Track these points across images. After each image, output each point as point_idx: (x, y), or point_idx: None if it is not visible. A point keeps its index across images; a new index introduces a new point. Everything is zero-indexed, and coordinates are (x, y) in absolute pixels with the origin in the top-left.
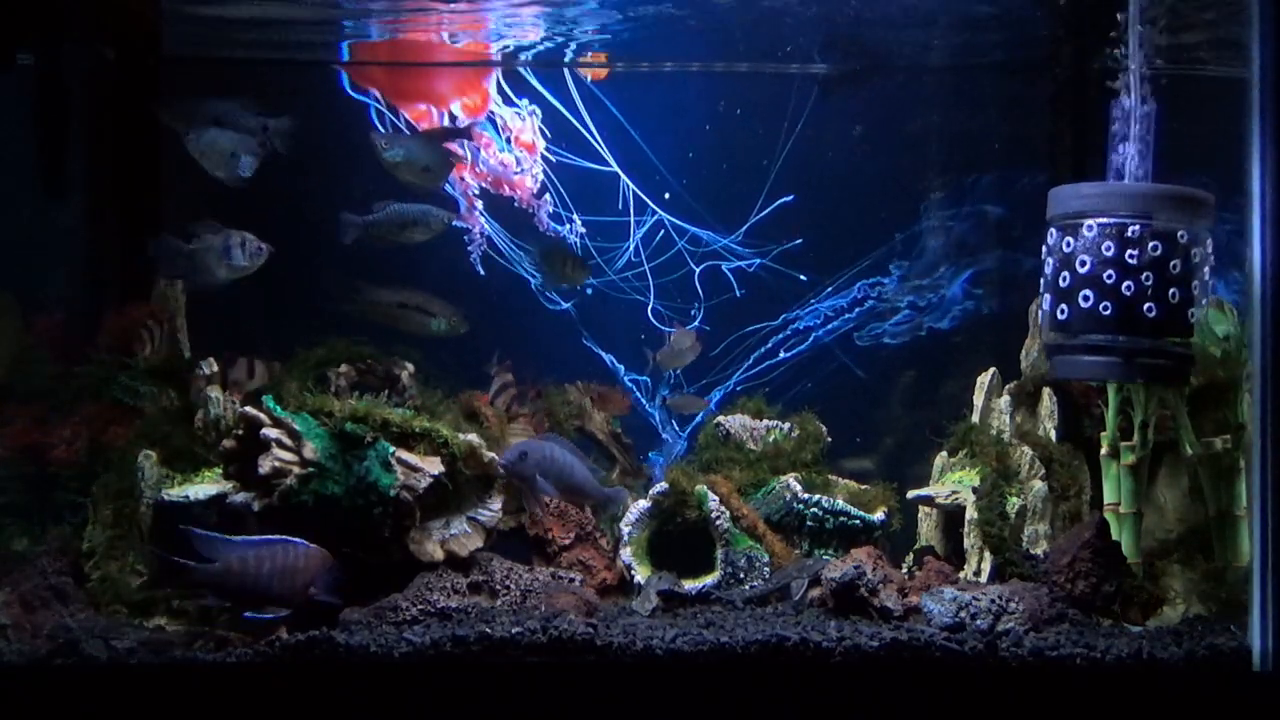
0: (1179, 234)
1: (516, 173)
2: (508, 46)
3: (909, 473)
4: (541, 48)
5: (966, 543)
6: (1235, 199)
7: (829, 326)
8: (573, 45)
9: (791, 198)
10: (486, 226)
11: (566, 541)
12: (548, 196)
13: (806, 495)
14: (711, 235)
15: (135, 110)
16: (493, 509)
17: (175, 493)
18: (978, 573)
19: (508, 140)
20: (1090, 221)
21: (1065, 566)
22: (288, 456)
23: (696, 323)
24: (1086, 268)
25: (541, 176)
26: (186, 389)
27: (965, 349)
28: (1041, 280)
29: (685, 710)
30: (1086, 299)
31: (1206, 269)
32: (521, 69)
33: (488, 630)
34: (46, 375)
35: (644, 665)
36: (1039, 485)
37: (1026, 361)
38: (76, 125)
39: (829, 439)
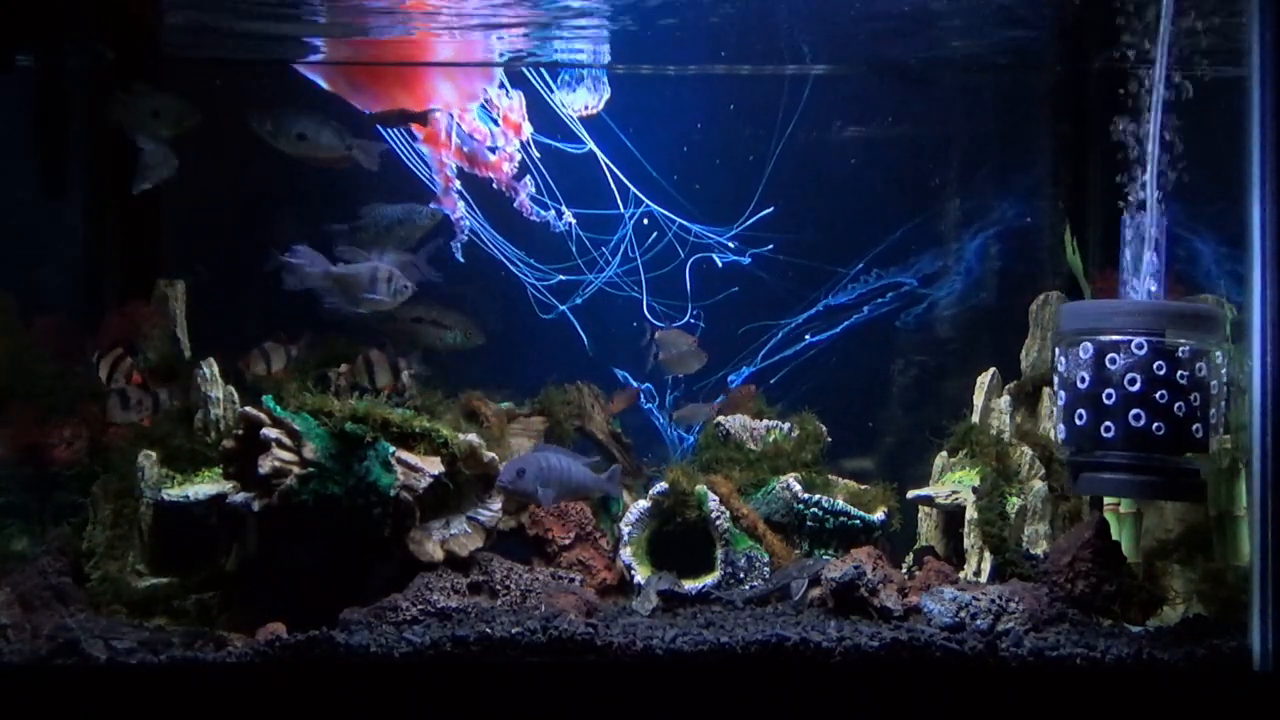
0: (1215, 353)
1: (491, 148)
2: (498, 50)
3: (909, 473)
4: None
5: (966, 543)
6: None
7: (862, 311)
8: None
9: (772, 209)
10: (463, 210)
11: (566, 541)
12: (528, 179)
13: (806, 495)
14: (713, 229)
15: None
16: (493, 509)
17: (175, 493)
18: (978, 573)
19: (493, 118)
20: (1140, 339)
21: (1065, 566)
22: (288, 456)
23: (688, 317)
24: (1137, 386)
25: (520, 157)
26: (186, 389)
27: (965, 349)
28: (1063, 394)
29: (685, 710)
30: (1138, 418)
31: (1228, 386)
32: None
33: (488, 630)
34: (46, 375)
35: (644, 665)
36: (1039, 485)
37: (1026, 361)
38: (76, 125)
39: (829, 439)
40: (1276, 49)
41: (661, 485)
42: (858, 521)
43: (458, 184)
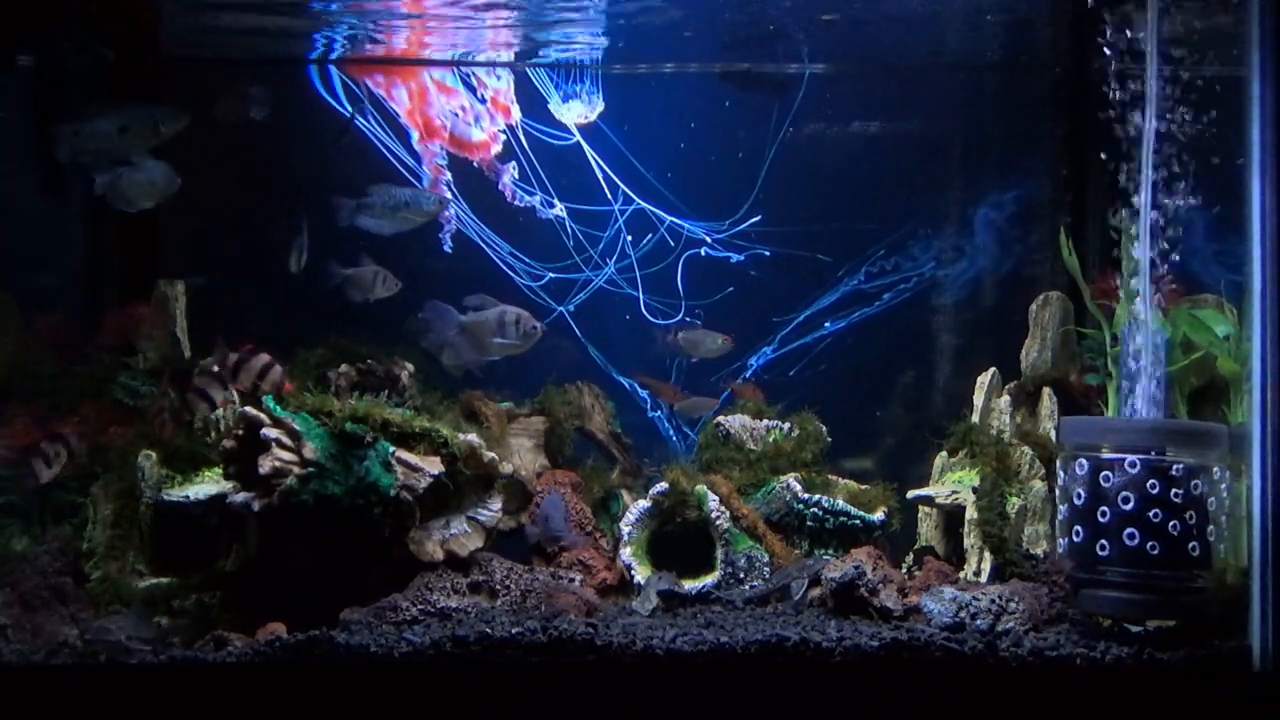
0: (1214, 470)
1: (468, 124)
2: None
3: (909, 473)
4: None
5: (966, 543)
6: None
7: (882, 299)
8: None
9: (759, 217)
10: (448, 194)
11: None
12: (512, 164)
13: (806, 495)
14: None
15: None
16: (493, 509)
17: (175, 493)
18: (978, 573)
19: (481, 97)
20: (1134, 457)
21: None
22: (288, 456)
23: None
24: (1130, 505)
25: (503, 138)
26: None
27: (965, 349)
28: (1063, 507)
29: (685, 710)
30: (1132, 537)
31: (1228, 500)
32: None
33: (488, 630)
34: (46, 375)
35: (644, 665)
36: (1039, 485)
37: (1026, 361)
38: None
39: (829, 439)
40: (1277, 48)
41: (661, 485)
42: (858, 521)
43: (448, 175)
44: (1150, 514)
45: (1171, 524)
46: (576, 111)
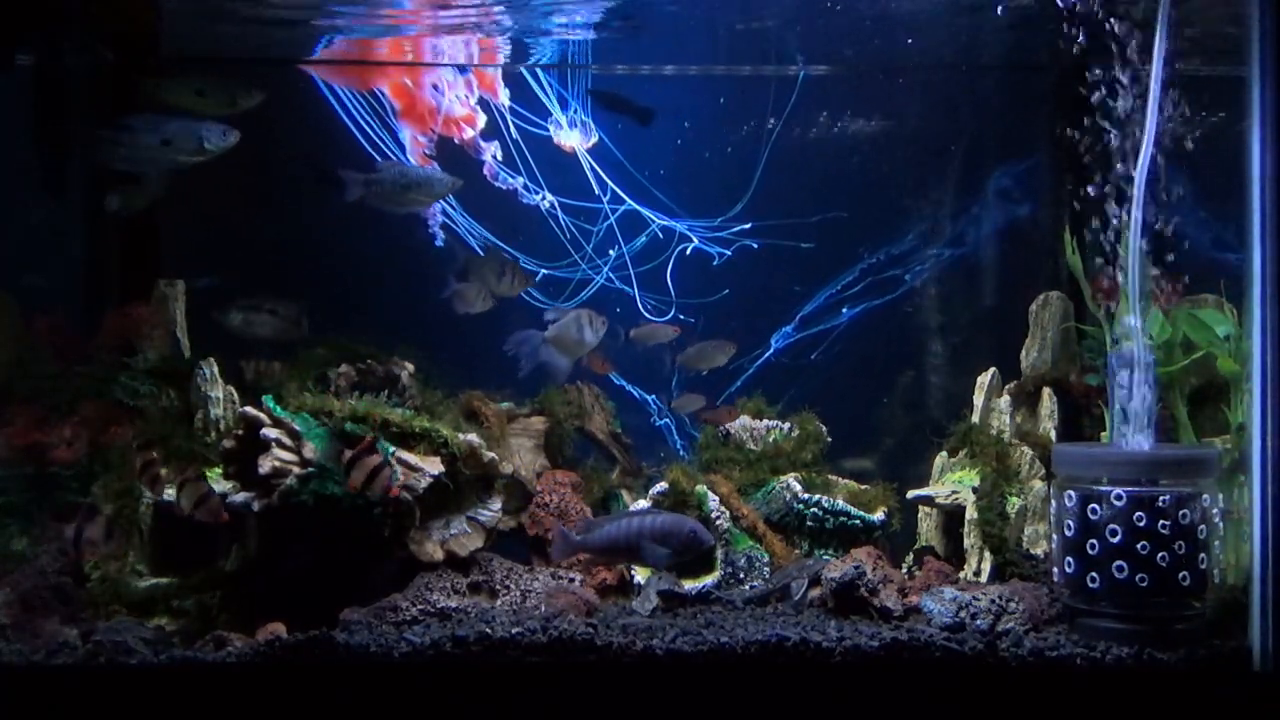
0: (1203, 497)
1: (448, 103)
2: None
3: (909, 473)
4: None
5: (966, 543)
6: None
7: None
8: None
9: (751, 224)
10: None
11: None
12: (495, 143)
13: (806, 495)
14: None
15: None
16: (493, 509)
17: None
18: (978, 573)
19: (464, 67)
20: (1119, 490)
21: None
22: (288, 456)
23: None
24: (1118, 538)
25: (482, 113)
26: (186, 389)
27: (965, 349)
28: (1056, 536)
29: (685, 710)
30: (1121, 570)
31: (1221, 525)
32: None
33: (488, 630)
34: (46, 375)
35: (644, 665)
36: (1039, 485)
37: (1026, 361)
38: (76, 125)
39: (829, 439)
40: (1277, 47)
41: (661, 485)
42: (858, 521)
43: (435, 166)
44: (1138, 546)
45: (1160, 555)
46: (575, 139)
